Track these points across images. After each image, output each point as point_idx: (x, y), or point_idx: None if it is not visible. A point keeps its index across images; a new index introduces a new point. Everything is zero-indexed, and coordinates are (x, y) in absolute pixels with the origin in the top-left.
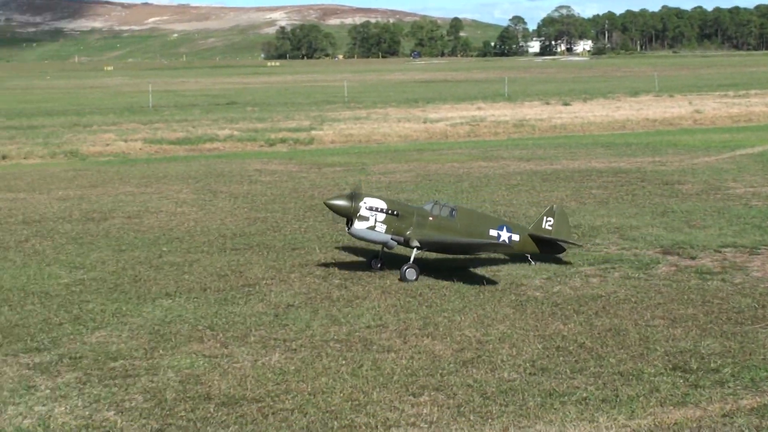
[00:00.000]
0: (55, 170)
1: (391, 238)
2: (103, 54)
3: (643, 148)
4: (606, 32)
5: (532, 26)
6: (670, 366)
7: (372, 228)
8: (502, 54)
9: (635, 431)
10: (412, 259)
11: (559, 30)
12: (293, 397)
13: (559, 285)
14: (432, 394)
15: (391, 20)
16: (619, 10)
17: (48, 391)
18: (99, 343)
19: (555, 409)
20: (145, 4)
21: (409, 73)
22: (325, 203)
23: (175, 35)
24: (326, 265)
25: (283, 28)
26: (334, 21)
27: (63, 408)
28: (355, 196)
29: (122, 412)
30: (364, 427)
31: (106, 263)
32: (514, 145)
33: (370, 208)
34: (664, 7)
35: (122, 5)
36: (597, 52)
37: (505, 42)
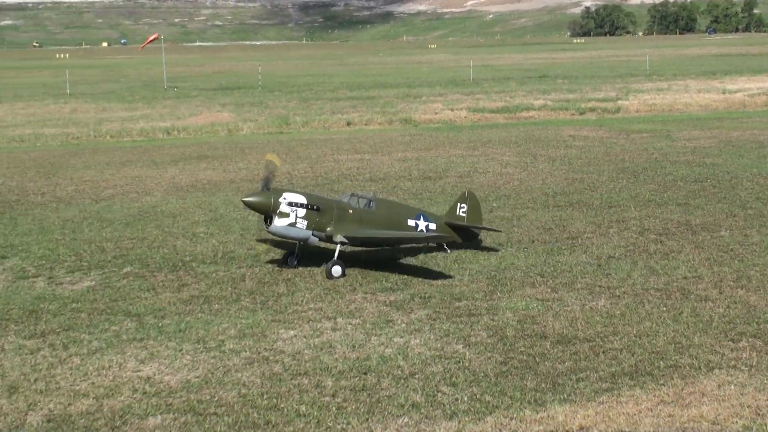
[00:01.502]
0: (392, 135)
1: (313, 234)
2: (427, 34)
3: None
4: None
5: None
6: None
7: (293, 224)
8: None
9: None
10: (336, 254)
11: None
12: (621, 338)
13: None
14: (750, 340)
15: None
16: None
17: (404, 325)
18: (444, 285)
19: None
20: None
21: (705, 47)
22: (242, 201)
23: (491, 16)
24: (640, 220)
25: (587, 8)
26: (634, 1)
27: (418, 340)
28: (273, 192)
29: (469, 346)
30: (687, 368)
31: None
32: None
33: (290, 204)
34: None
35: None
36: None
37: None
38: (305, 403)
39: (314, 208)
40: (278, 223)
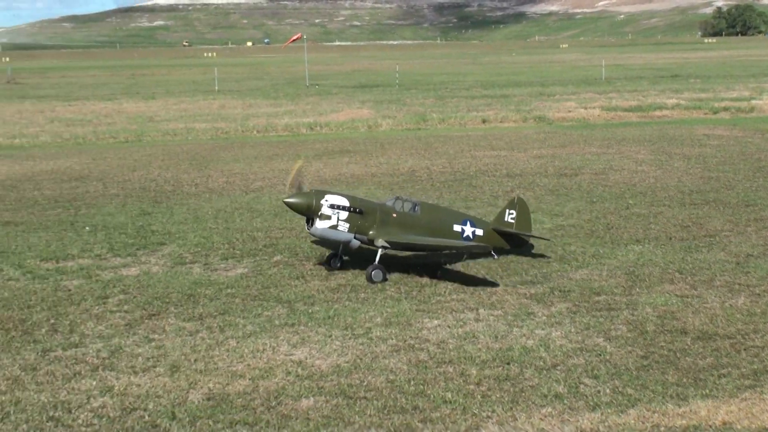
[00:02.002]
0: (527, 132)
1: (355, 237)
2: (558, 33)
3: None
4: None
5: None
6: None
7: (334, 227)
8: None
9: None
10: (377, 259)
11: None
12: (762, 336)
13: None
14: None
15: None
16: None
17: (544, 317)
18: (583, 279)
19: None
20: None
21: None
22: (283, 202)
23: (622, 16)
24: None
25: (719, 8)
26: (766, 1)
27: (558, 332)
28: (315, 194)
29: (610, 340)
30: None
31: (580, 212)
32: None
33: (332, 206)
34: None
35: None
36: None
37: None
38: (451, 391)
39: (357, 211)
40: (319, 225)
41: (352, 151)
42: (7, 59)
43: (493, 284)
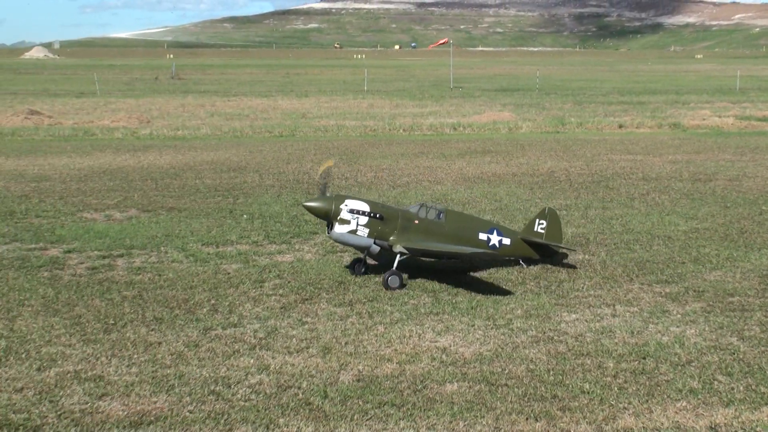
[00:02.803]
0: (662, 138)
1: (374, 243)
2: (694, 44)
3: None
4: None
5: None
6: None
7: (353, 232)
8: None
9: None
10: (395, 265)
11: None
12: None
13: None
14: None
15: None
16: None
17: (679, 315)
18: (716, 280)
19: None
20: (734, 2)
21: None
22: (303, 205)
23: (757, 29)
24: None
25: None
26: None
27: (693, 330)
28: (335, 198)
29: (743, 339)
30: None
31: (714, 216)
32: None
33: (351, 211)
34: None
35: (713, 4)
36: None
37: None
38: (588, 382)
39: (377, 217)
40: (338, 229)
41: (493, 151)
42: (171, 56)
43: (629, 281)
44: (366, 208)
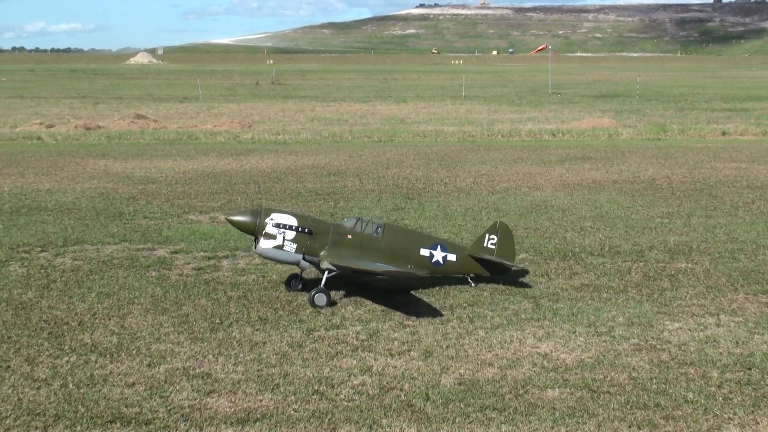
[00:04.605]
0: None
1: (303, 258)
2: None
3: None
4: None
5: None
6: None
7: (280, 247)
8: None
9: None
10: (323, 282)
11: None
12: None
13: None
14: None
15: None
16: None
17: None
18: None
19: None
20: None
21: None
22: (227, 220)
23: None
24: None
25: None
26: None
27: None
28: (260, 212)
29: None
30: None
31: None
32: None
33: (277, 225)
34: None
35: None
36: None
37: None
38: (692, 391)
39: (305, 231)
40: (263, 245)
41: (593, 157)
42: (271, 61)
43: (734, 291)
44: (293, 222)
